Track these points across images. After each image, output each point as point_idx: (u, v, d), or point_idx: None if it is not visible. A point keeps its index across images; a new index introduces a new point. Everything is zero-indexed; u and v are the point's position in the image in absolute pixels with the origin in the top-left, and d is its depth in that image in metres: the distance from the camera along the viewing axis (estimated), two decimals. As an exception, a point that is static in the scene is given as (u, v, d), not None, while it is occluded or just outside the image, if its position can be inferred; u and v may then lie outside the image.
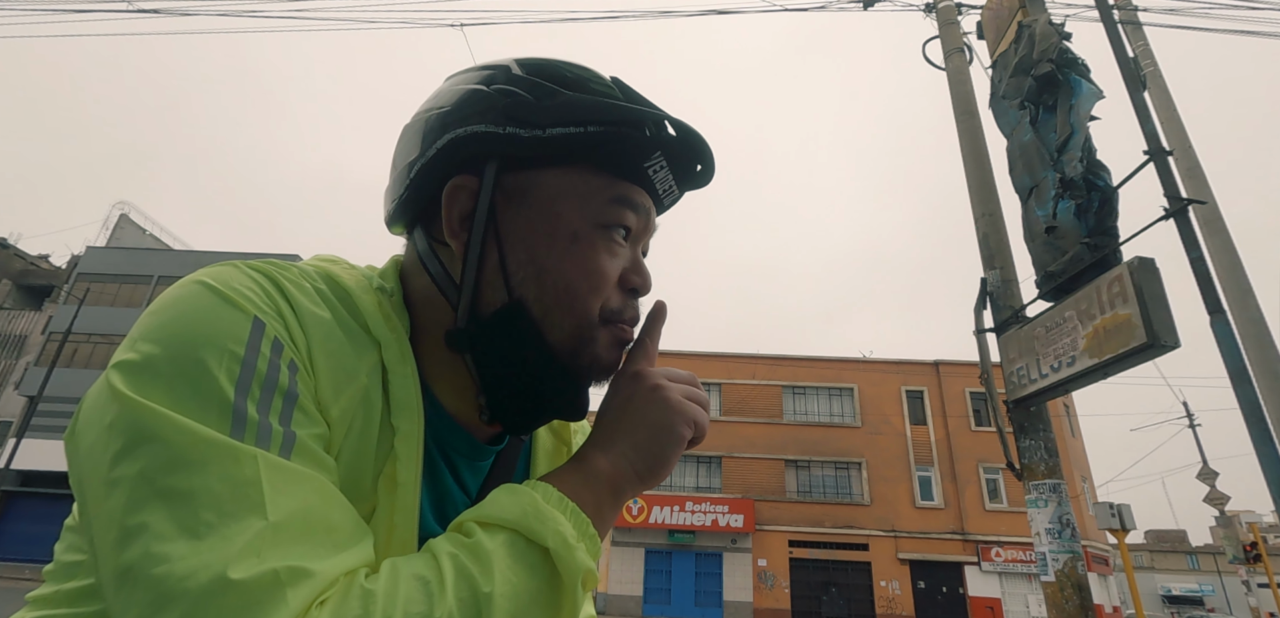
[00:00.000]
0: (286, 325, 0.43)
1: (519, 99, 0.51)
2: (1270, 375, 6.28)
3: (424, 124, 0.54)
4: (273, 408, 0.40)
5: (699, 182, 0.59)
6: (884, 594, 22.37)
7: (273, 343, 0.41)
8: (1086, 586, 4.78)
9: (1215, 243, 6.96)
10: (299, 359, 0.43)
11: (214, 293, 0.42)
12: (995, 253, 5.97)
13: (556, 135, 0.51)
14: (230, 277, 0.44)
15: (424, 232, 0.55)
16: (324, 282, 0.49)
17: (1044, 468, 5.07)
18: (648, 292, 0.56)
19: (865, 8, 8.87)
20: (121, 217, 30.83)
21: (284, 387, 0.41)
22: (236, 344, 0.40)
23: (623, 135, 0.52)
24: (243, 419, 0.38)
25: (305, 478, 0.39)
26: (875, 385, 25.57)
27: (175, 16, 10.52)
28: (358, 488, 0.45)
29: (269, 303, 0.43)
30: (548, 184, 0.52)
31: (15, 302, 31.18)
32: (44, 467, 21.97)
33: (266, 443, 0.38)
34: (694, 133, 0.55)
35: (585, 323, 0.51)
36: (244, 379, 0.39)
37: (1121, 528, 8.12)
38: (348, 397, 0.45)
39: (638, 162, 0.53)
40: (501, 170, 0.52)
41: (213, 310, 0.41)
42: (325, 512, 0.39)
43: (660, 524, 23.19)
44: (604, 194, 0.52)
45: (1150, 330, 4.17)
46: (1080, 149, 5.13)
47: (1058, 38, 5.60)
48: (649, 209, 0.56)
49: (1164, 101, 7.79)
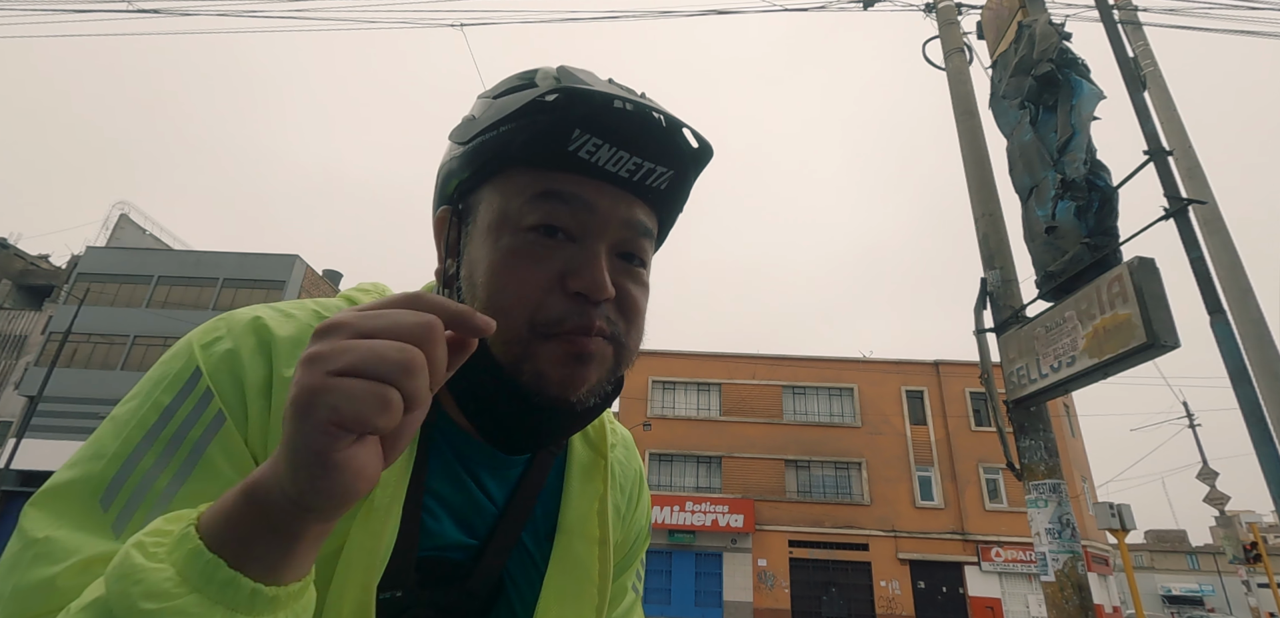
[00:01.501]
0: (236, 372, 0.45)
1: (466, 119, 0.53)
2: (1270, 375, 6.28)
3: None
4: (170, 465, 0.42)
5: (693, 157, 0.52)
6: (884, 594, 22.36)
7: (201, 396, 0.44)
8: (1086, 586, 4.78)
9: (1215, 243, 6.96)
10: (237, 406, 0.44)
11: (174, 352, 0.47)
12: (995, 253, 5.97)
13: (475, 144, 0.50)
14: (203, 328, 0.48)
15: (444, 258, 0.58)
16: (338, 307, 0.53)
17: (1044, 468, 5.07)
18: (601, 294, 0.47)
19: (865, 8, 8.87)
20: (121, 217, 30.82)
21: (192, 441, 0.43)
22: (165, 395, 0.44)
23: (533, 124, 0.47)
24: (117, 488, 0.41)
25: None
26: (875, 385, 25.57)
27: (175, 16, 10.52)
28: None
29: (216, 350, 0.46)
30: (483, 197, 0.51)
31: (15, 302, 31.18)
32: (44, 467, 21.97)
33: (129, 515, 0.40)
34: (621, 94, 0.48)
35: (513, 339, 0.47)
36: (145, 441, 0.42)
37: (1121, 528, 8.11)
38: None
39: (557, 145, 0.47)
40: (460, 194, 0.53)
41: (161, 368, 0.46)
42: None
43: (660, 524, 23.19)
44: (525, 193, 0.48)
45: (1150, 330, 4.17)
46: (1083, 150, 5.14)
47: (1058, 38, 5.60)
48: (593, 198, 0.49)
49: (1164, 101, 7.78)
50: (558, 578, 0.57)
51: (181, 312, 24.98)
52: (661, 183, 0.51)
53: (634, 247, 0.51)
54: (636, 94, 0.50)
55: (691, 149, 0.51)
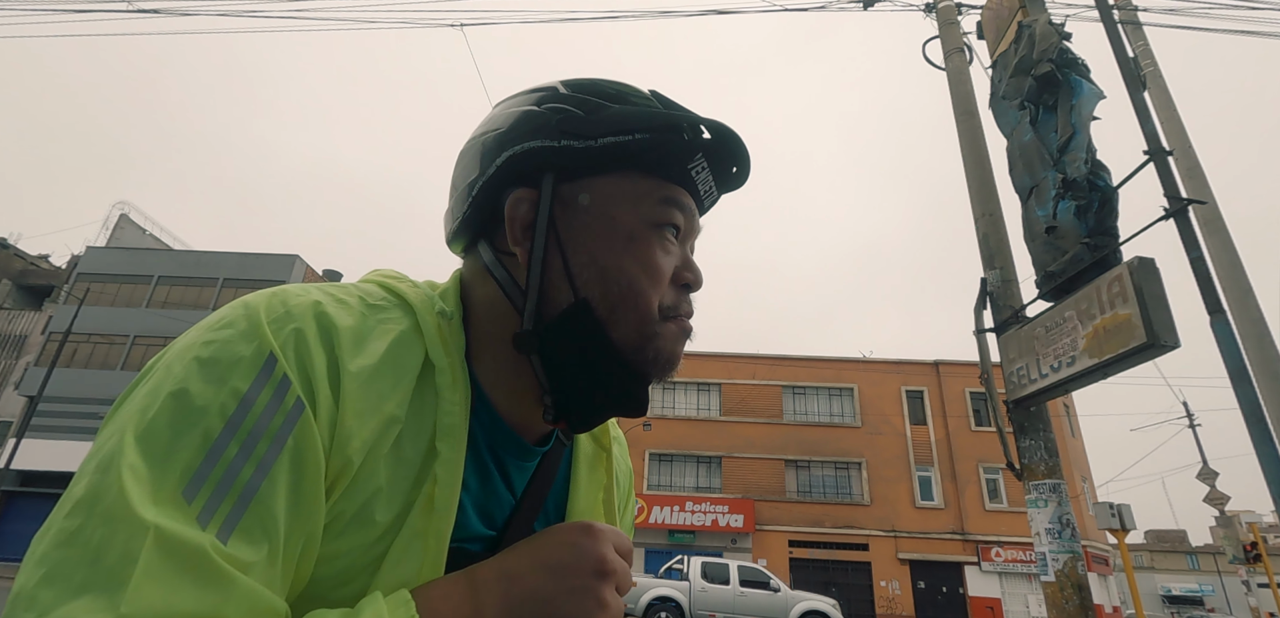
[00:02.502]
0: (304, 359, 0.45)
1: (570, 114, 0.55)
2: (1270, 375, 6.28)
3: (482, 146, 0.57)
4: (253, 455, 0.41)
5: (735, 183, 0.62)
6: (884, 594, 22.37)
7: (278, 382, 0.43)
8: (1086, 586, 4.78)
9: (1215, 243, 6.96)
10: (309, 394, 0.44)
11: (233, 328, 0.44)
12: (995, 253, 5.97)
13: (607, 144, 0.54)
14: (264, 307, 0.46)
15: (489, 244, 0.58)
16: (382, 296, 0.53)
17: (1044, 468, 5.07)
18: (700, 287, 0.58)
19: (865, 8, 8.87)
20: (121, 217, 30.82)
21: (273, 431, 0.42)
22: (242, 381, 0.42)
23: (666, 140, 0.55)
24: (201, 480, 0.39)
25: (203, 571, 0.37)
26: (875, 385, 25.58)
27: (175, 16, 10.52)
28: (381, 503, 0.46)
29: (287, 336, 0.45)
30: (601, 190, 0.55)
31: (15, 302, 31.18)
32: (44, 467, 21.98)
33: (214, 508, 0.38)
34: (732, 134, 0.57)
35: (649, 318, 0.53)
36: (227, 430, 0.40)
37: (1121, 528, 8.11)
38: (375, 421, 0.47)
39: (681, 164, 0.56)
40: (558, 181, 0.55)
41: (227, 350, 0.43)
42: (197, 608, 0.37)
43: (660, 524, 23.20)
44: (653, 196, 0.56)
45: (1150, 330, 4.17)
46: (1083, 150, 5.14)
47: (1058, 38, 5.60)
48: (693, 209, 0.58)
49: (1164, 101, 7.79)
50: None
51: (181, 312, 24.99)
52: (712, 203, 0.61)
53: (694, 250, 0.61)
54: (737, 135, 0.58)
55: (736, 176, 0.61)
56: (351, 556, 0.45)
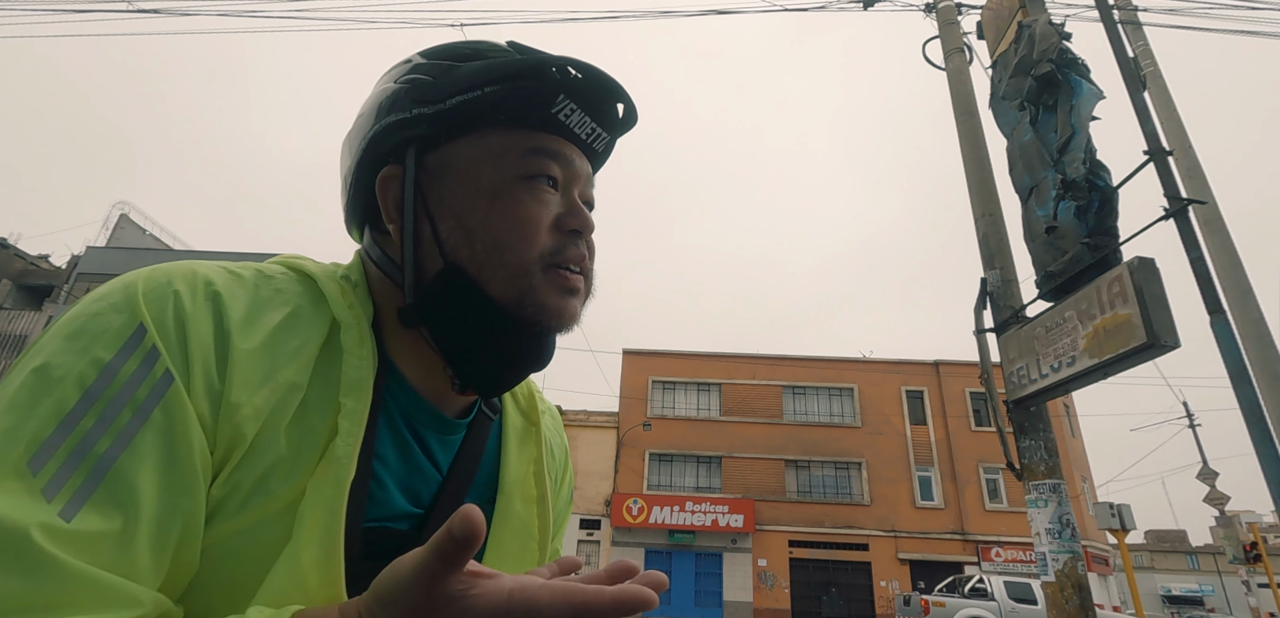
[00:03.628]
0: (181, 328, 0.43)
1: (419, 82, 0.55)
2: (1270, 375, 6.28)
3: (355, 128, 0.58)
4: (112, 426, 0.38)
5: (624, 124, 0.61)
6: (884, 594, 22.36)
7: (147, 353, 0.41)
8: (1087, 586, 4.78)
9: (1215, 243, 6.96)
10: (184, 365, 0.42)
11: (106, 301, 0.43)
12: (995, 253, 5.97)
13: (456, 104, 0.54)
14: (143, 280, 0.44)
15: (370, 228, 0.59)
16: (282, 272, 0.53)
17: (1044, 468, 5.07)
18: (588, 230, 0.57)
19: (865, 8, 8.87)
20: (121, 217, 30.83)
21: (137, 402, 0.40)
22: (105, 351, 0.40)
23: (519, 88, 0.54)
24: (51, 450, 0.36)
25: (23, 557, 0.33)
26: (875, 386, 25.57)
27: (175, 16, 10.52)
28: (280, 473, 0.45)
29: (164, 306, 0.43)
30: (462, 153, 0.55)
31: (15, 302, 31.18)
32: (44, 467, 21.95)
33: (62, 480, 0.36)
34: (599, 71, 0.56)
35: (520, 271, 0.52)
36: (84, 401, 0.38)
37: (1121, 528, 8.11)
38: (268, 390, 0.45)
39: (543, 109, 0.55)
40: (421, 152, 0.55)
41: (95, 321, 0.41)
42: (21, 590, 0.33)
43: (660, 524, 23.19)
44: (517, 148, 0.54)
45: (1150, 330, 4.17)
46: (1083, 150, 5.14)
47: (1058, 38, 5.60)
48: (572, 156, 0.57)
49: (1164, 101, 7.78)
50: (500, 538, 0.59)
51: (181, 312, 24.93)
52: (601, 145, 0.60)
53: (589, 198, 0.60)
54: (602, 70, 0.56)
55: (624, 119, 0.60)
56: (256, 532, 0.43)
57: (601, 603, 0.35)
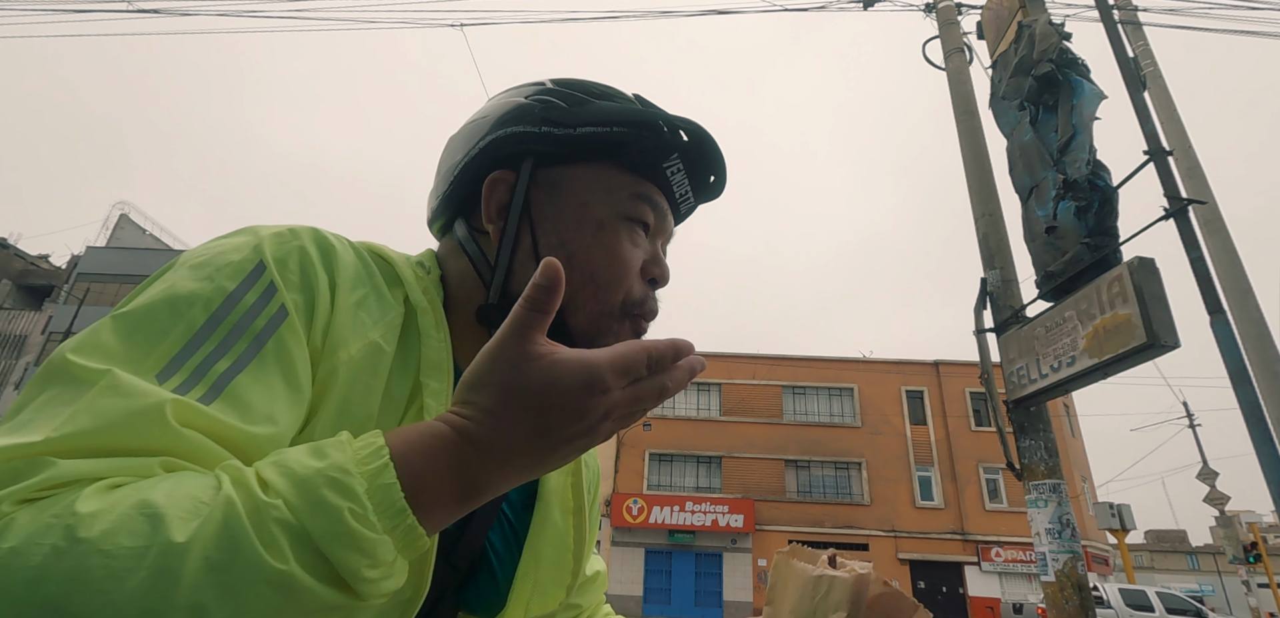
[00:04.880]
0: (300, 271, 0.47)
1: (553, 105, 0.58)
2: (1270, 375, 6.28)
3: (470, 130, 0.61)
4: (231, 350, 0.41)
5: (713, 192, 0.64)
6: (884, 594, 22.35)
7: (265, 288, 0.44)
8: (1087, 586, 4.78)
9: (1215, 243, 6.96)
10: (305, 302, 0.46)
11: (229, 241, 0.47)
12: (995, 253, 5.97)
13: (585, 134, 0.57)
14: (269, 229, 0.49)
15: (464, 221, 0.61)
16: (366, 250, 0.55)
17: (1044, 468, 5.07)
18: (666, 283, 0.60)
19: (865, 8, 8.87)
20: (121, 217, 30.83)
21: (255, 331, 0.43)
22: (229, 281, 0.43)
23: (643, 137, 0.57)
24: (178, 366, 0.39)
25: (153, 418, 0.36)
26: (875, 385, 25.57)
27: (175, 16, 10.52)
28: (366, 427, 0.45)
29: (288, 251, 0.47)
30: (577, 177, 0.57)
31: (15, 302, 31.17)
32: (44, 467, 21.94)
33: (188, 390, 0.39)
34: (709, 139, 0.60)
35: (607, 310, 0.55)
36: (210, 323, 0.41)
37: (1121, 528, 8.13)
38: (361, 345, 0.48)
39: (657, 162, 0.58)
40: (537, 165, 0.58)
41: (220, 256, 0.45)
42: (134, 437, 0.35)
43: (660, 524, 23.19)
44: (627, 189, 0.57)
45: (1150, 330, 4.17)
46: (1084, 150, 5.14)
47: (1058, 38, 5.60)
48: (666, 210, 0.60)
49: (1164, 101, 7.79)
50: (536, 545, 0.60)
51: (181, 312, 24.93)
52: (688, 208, 0.63)
53: (666, 252, 0.63)
54: (714, 140, 0.60)
55: (713, 187, 0.64)
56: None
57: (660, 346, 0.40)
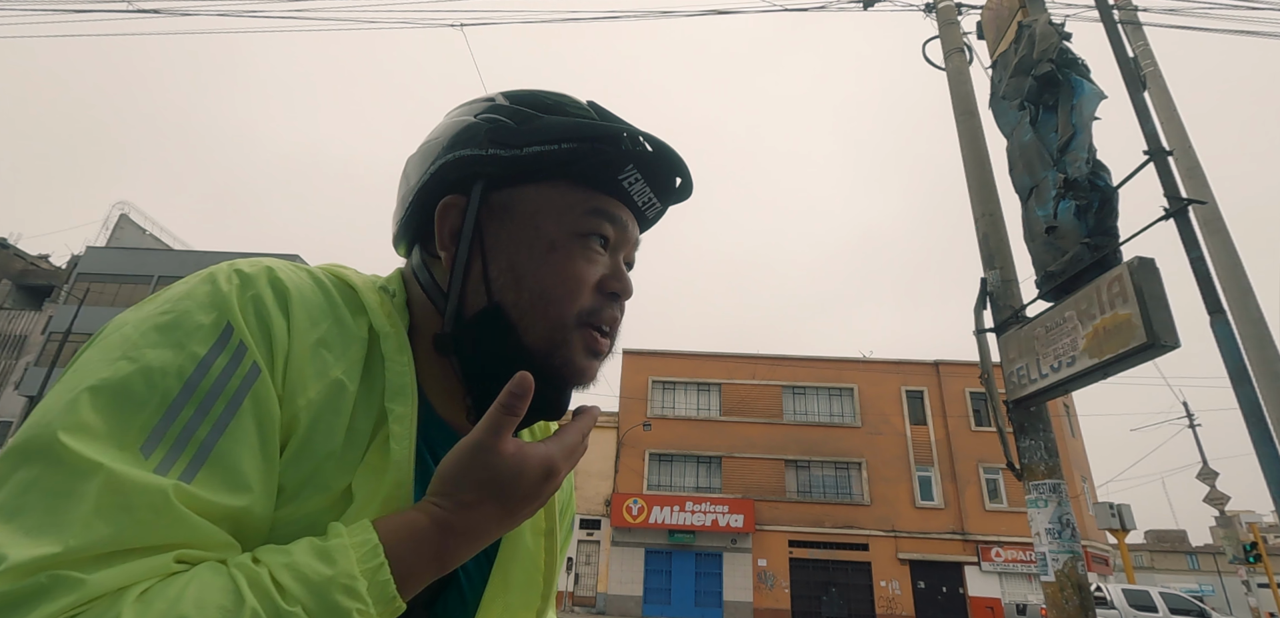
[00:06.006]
0: (264, 323, 0.47)
1: (500, 124, 0.57)
2: (1270, 375, 6.28)
3: (423, 153, 0.60)
4: (210, 415, 0.42)
5: (679, 196, 0.64)
6: (884, 594, 22.37)
7: (235, 349, 0.45)
8: (1086, 586, 4.78)
9: (1215, 243, 6.96)
10: (268, 355, 0.46)
11: (193, 299, 0.46)
12: (995, 253, 5.97)
13: (532, 153, 0.56)
14: (223, 277, 0.48)
15: (420, 248, 0.61)
16: (328, 278, 0.55)
17: (1044, 468, 5.07)
18: (628, 296, 0.59)
19: (865, 7, 8.87)
20: (121, 217, 30.85)
21: (229, 392, 0.43)
22: (200, 346, 0.44)
23: (595, 150, 0.56)
24: (159, 437, 0.40)
25: (158, 508, 0.38)
26: (875, 385, 25.58)
27: (175, 16, 10.52)
28: (333, 467, 0.47)
29: (246, 302, 0.47)
30: (528, 199, 0.57)
31: (15, 302, 31.18)
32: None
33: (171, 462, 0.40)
34: (667, 148, 0.59)
35: (558, 325, 0.55)
36: (185, 392, 0.42)
37: (1121, 528, 8.13)
38: (321, 385, 0.48)
39: (612, 175, 0.57)
40: (487, 189, 0.57)
41: (186, 318, 0.45)
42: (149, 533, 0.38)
43: (660, 524, 23.20)
44: (581, 206, 0.57)
45: (1150, 330, 4.17)
46: (1085, 150, 5.14)
47: (1058, 38, 5.60)
48: (627, 221, 0.59)
49: (1164, 101, 7.78)
50: (506, 566, 0.61)
51: (181, 312, 24.94)
52: (654, 214, 0.63)
53: (632, 260, 0.62)
54: (672, 148, 0.60)
55: (679, 190, 0.63)
56: (308, 522, 0.45)
57: (592, 422, 0.54)
